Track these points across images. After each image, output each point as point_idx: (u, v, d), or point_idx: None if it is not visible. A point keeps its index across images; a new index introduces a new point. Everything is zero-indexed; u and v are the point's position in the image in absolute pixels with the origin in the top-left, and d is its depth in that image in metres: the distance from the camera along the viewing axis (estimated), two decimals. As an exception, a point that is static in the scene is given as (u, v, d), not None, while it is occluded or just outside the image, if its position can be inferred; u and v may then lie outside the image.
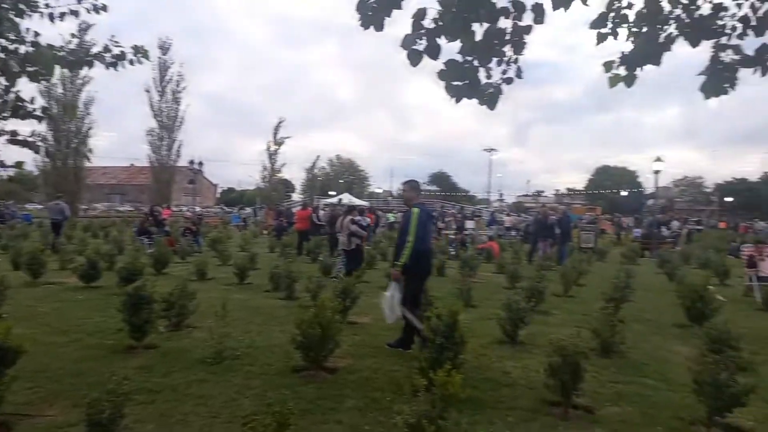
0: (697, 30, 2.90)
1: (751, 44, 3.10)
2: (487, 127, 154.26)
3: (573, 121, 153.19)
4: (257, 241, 23.09)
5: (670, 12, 2.99)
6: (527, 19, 2.68)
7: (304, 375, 5.18)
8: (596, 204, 62.29)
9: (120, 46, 4.70)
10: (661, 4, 3.03)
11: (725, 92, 3.18)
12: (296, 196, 66.29)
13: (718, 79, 3.04)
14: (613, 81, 3.24)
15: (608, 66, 3.26)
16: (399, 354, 6.04)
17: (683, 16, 2.95)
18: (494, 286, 11.68)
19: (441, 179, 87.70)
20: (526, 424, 4.19)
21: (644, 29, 3.05)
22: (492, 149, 72.56)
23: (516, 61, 2.80)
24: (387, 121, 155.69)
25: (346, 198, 40.38)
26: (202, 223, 25.67)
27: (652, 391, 5.06)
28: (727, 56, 2.95)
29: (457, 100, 2.79)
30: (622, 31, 3.23)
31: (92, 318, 7.43)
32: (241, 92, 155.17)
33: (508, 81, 2.87)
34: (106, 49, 4.75)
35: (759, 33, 2.86)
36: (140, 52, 4.60)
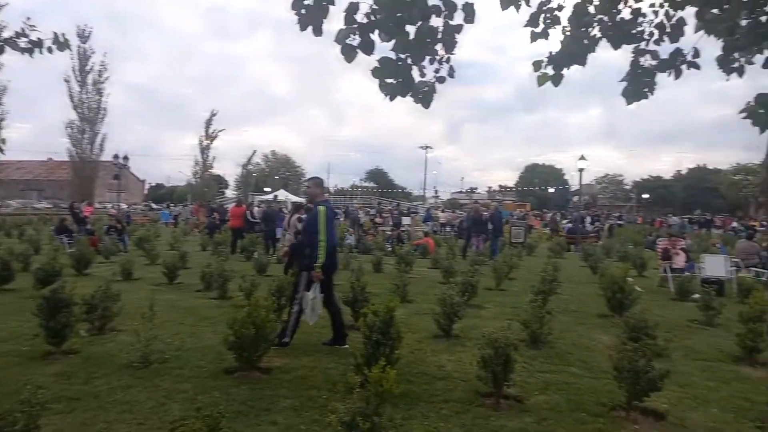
0: (618, 33, 3.06)
1: (667, 49, 3.31)
2: (423, 124, 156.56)
3: (503, 121, 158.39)
4: (188, 239, 22.29)
5: (595, 14, 3.14)
6: (458, 18, 2.73)
7: (238, 376, 5.05)
8: (526, 201, 64.72)
9: (36, 30, 4.38)
10: (587, 6, 3.17)
11: (645, 96, 3.37)
12: (230, 193, 64.58)
13: (638, 84, 3.22)
14: (542, 80, 3.36)
15: (537, 65, 3.38)
16: (335, 351, 6.02)
17: (606, 19, 3.10)
18: (429, 282, 11.88)
19: (378, 176, 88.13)
20: (459, 416, 4.28)
21: (573, 30, 3.18)
22: (427, 147, 73.64)
23: (448, 60, 2.84)
24: (323, 116, 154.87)
25: (282, 195, 39.77)
26: (129, 221, 24.45)
27: (577, 379, 5.31)
28: (646, 61, 3.14)
29: (391, 98, 2.81)
30: (554, 33, 3.36)
31: (6, 323, 6.91)
32: (171, 84, 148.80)
33: (441, 80, 2.91)
34: (21, 34, 4.41)
35: (673, 39, 3.06)
36: (60, 41, 4.32)
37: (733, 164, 55.56)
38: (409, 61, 2.71)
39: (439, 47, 2.75)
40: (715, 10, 2.80)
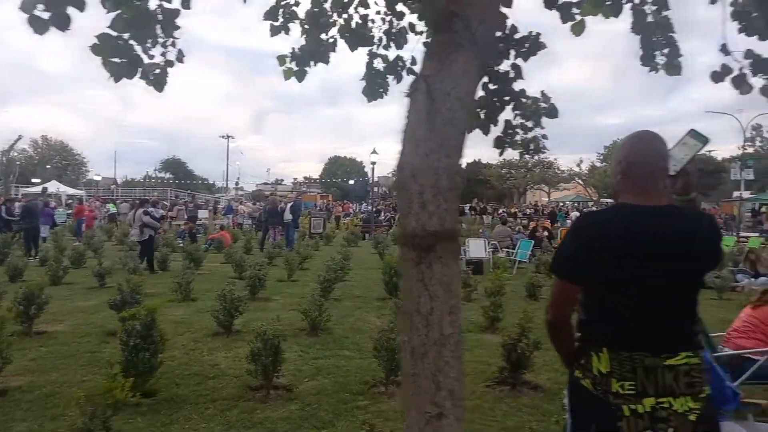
0: (353, 36, 3.27)
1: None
2: (225, 112, 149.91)
3: (309, 112, 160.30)
4: None
5: (331, 15, 3.31)
6: (176, 2, 2.64)
7: (-42, 404, 4.26)
8: (330, 192, 66.55)
9: None
10: (325, 6, 3.32)
11: (381, 96, 3.67)
12: (-16, 184, 53.90)
13: (374, 85, 3.49)
14: (287, 74, 3.45)
15: (282, 60, 3.44)
16: (94, 361, 5.46)
17: (342, 21, 3.30)
18: (219, 277, 11.48)
19: (175, 166, 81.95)
20: (225, 414, 4.22)
21: (311, 28, 3.30)
22: (229, 136, 70.80)
23: (173, 44, 2.74)
24: (111, 98, 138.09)
25: (54, 187, 34.61)
26: None
27: (347, 362, 5.64)
28: (378, 64, 3.42)
29: (116, 79, 2.59)
30: (296, 27, 3.44)
31: None
32: None
33: (170, 64, 2.80)
34: None
35: (398, 46, 3.38)
36: None
37: (501, 159, 64.63)
38: (132, 41, 2.53)
39: (159, 30, 2.62)
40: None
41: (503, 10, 3.07)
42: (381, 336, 4.84)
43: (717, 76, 2.73)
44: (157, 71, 2.89)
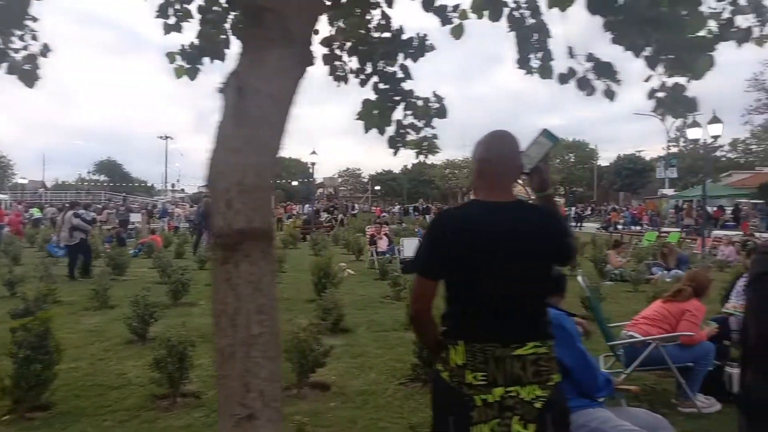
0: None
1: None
2: (166, 112, 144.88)
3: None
4: None
5: (224, 10, 3.22)
6: None
7: None
8: (274, 192, 65.69)
9: None
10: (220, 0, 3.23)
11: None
12: None
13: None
14: (178, 73, 3.35)
15: (171, 57, 3.34)
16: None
17: (232, 17, 3.22)
18: (146, 283, 11.05)
19: (110, 167, 78.49)
20: (124, 425, 4.07)
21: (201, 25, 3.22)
22: (168, 137, 68.49)
23: (34, 37, 2.61)
24: (40, 97, 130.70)
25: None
26: None
27: (264, 365, 5.55)
28: None
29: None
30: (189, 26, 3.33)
31: None
32: None
33: (32, 58, 2.67)
34: None
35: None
36: None
37: (445, 160, 65.62)
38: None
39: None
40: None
41: (386, 10, 3.10)
42: (292, 337, 4.79)
43: (563, 78, 2.87)
44: (28, 66, 2.74)
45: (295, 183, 57.99)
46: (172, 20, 3.37)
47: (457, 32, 3.02)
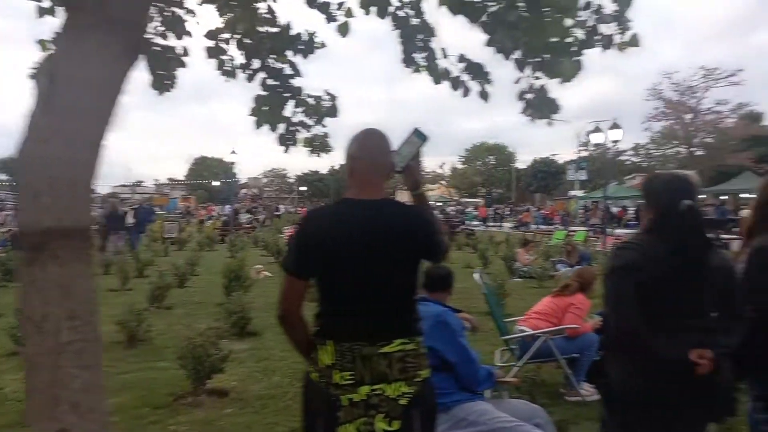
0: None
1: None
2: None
3: (176, 110, 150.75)
4: None
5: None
6: None
7: None
8: (196, 194, 63.34)
9: None
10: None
11: (168, 89, 3.47)
12: None
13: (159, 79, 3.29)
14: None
15: (43, 45, 3.09)
16: None
17: None
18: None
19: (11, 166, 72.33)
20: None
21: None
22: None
23: None
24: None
25: None
26: None
27: (161, 373, 5.29)
28: None
29: None
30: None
31: None
32: None
33: None
34: None
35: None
36: None
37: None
38: None
39: None
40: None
41: (272, 4, 3.03)
42: (187, 343, 4.60)
43: (437, 78, 2.95)
44: None
45: (216, 183, 55.94)
46: (46, 3, 3.12)
47: (344, 30, 3.00)
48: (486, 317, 5.65)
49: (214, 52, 3.12)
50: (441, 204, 46.23)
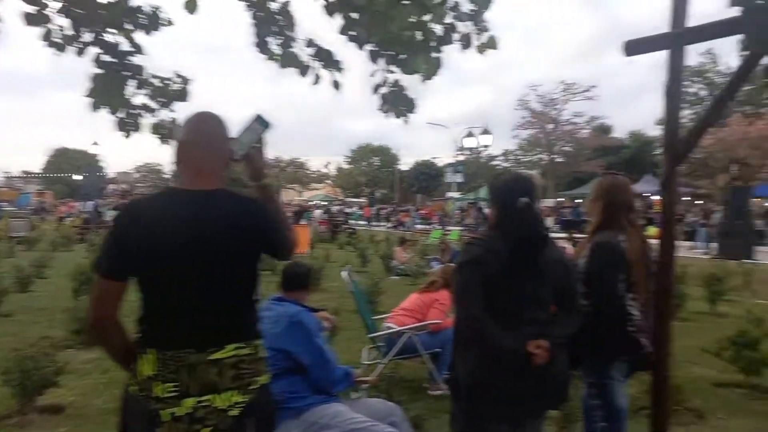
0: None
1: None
2: None
3: (34, 96, 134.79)
4: None
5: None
6: None
7: None
8: (54, 188, 57.26)
9: None
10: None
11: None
12: None
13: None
14: None
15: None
16: None
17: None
18: None
19: None
20: None
21: None
22: None
23: None
24: None
25: None
26: None
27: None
28: None
29: None
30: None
31: None
32: None
33: None
34: None
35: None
36: None
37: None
38: None
39: None
40: None
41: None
42: (14, 355, 4.01)
43: (284, 63, 2.84)
44: None
45: (78, 177, 50.66)
46: None
47: (191, 7, 2.74)
48: (357, 315, 5.60)
49: (34, 20, 2.70)
50: (326, 203, 46.11)
